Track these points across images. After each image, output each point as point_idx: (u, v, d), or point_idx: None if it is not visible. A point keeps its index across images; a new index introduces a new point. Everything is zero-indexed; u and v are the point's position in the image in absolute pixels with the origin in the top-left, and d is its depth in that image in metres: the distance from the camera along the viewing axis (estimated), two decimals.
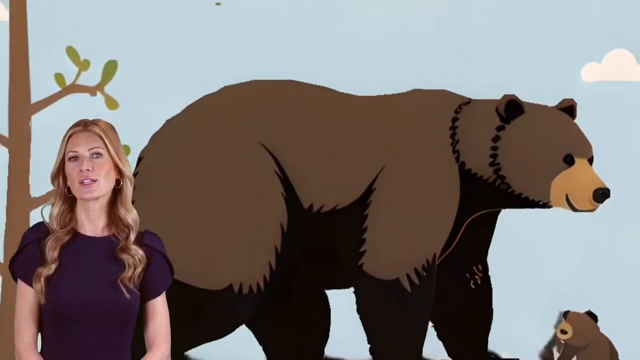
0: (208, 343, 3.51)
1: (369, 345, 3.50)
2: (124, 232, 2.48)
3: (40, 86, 4.01)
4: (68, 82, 4.04)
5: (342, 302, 3.55)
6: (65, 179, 2.47)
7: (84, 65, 4.03)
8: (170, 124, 3.51)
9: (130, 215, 2.49)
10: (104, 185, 2.46)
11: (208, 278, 3.36)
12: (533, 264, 4.05)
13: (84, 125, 2.50)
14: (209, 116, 3.47)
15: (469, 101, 3.56)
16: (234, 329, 3.47)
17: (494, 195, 3.48)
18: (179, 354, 3.46)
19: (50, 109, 4.00)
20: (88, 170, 2.44)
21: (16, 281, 2.49)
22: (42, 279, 2.42)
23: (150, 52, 4.01)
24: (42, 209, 2.51)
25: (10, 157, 4.04)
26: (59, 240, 2.44)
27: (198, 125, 3.47)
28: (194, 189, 3.40)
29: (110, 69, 4.03)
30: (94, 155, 2.46)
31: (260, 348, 3.63)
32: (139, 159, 3.52)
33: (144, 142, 3.60)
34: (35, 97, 4.06)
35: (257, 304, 3.39)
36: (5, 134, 4.06)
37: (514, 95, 3.49)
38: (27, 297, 2.45)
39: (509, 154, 3.44)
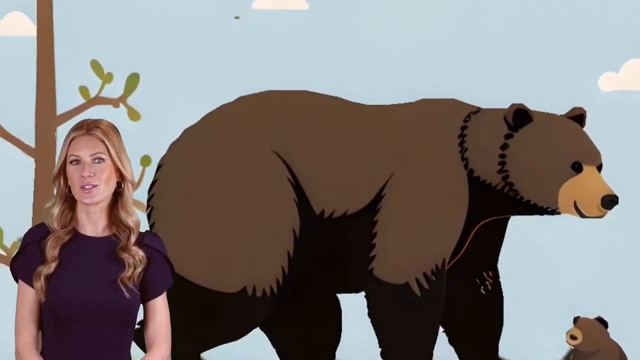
0: (223, 345, 3.59)
1: (380, 349, 3.56)
2: (125, 232, 2.47)
3: (66, 98, 4.12)
4: (92, 94, 4.15)
5: (355, 306, 3.62)
6: (66, 179, 2.47)
7: (107, 78, 4.15)
8: (188, 133, 3.61)
9: (132, 218, 2.48)
10: (104, 190, 2.45)
11: (223, 281, 3.45)
12: (546, 271, 4.09)
13: (87, 129, 2.47)
14: (225, 125, 3.57)
15: (478, 110, 3.62)
16: (248, 332, 3.54)
17: (502, 202, 3.53)
18: (195, 355, 3.55)
19: (75, 120, 4.06)
20: (89, 176, 2.43)
21: (17, 282, 2.49)
22: (42, 278, 2.42)
23: (171, 64, 4.12)
24: (45, 208, 2.52)
25: (37, 167, 4.16)
26: (59, 239, 2.44)
27: (214, 134, 3.57)
28: (210, 195, 3.50)
29: (132, 81, 4.15)
30: (96, 160, 2.45)
31: (271, 350, 3.70)
32: (159, 167, 3.63)
33: (165, 152, 3.70)
34: (60, 109, 4.17)
35: (270, 307, 3.47)
36: (32, 144, 4.19)
37: (522, 104, 3.55)
38: (27, 297, 2.45)
39: (517, 161, 3.49)
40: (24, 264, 2.47)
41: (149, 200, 3.60)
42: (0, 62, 4.11)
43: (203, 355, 3.60)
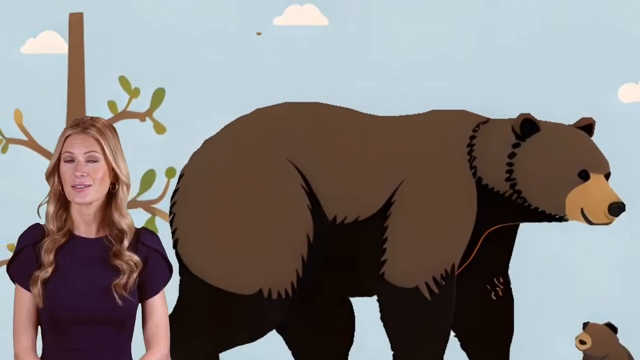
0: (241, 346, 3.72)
1: (392, 352, 3.65)
2: (117, 236, 2.41)
3: (95, 112, 4.20)
4: (120, 108, 4.28)
5: (368, 310, 3.71)
6: (59, 177, 2.42)
7: (134, 93, 4.28)
8: (208, 144, 3.76)
9: (125, 220, 2.41)
10: (97, 191, 2.39)
11: (240, 283, 3.58)
12: (563, 278, 4.13)
13: (83, 127, 2.41)
14: (242, 135, 3.71)
15: (487, 120, 3.71)
16: (265, 333, 3.66)
17: (511, 209, 3.61)
18: (213, 356, 3.68)
19: None
20: (82, 175, 2.37)
21: (14, 283, 2.45)
22: (39, 283, 2.37)
23: (196, 80, 4.25)
24: (39, 207, 2.49)
25: None
26: (55, 242, 2.39)
27: (232, 144, 3.71)
28: (228, 202, 3.63)
29: (158, 96, 4.29)
30: (90, 160, 2.38)
31: (287, 352, 3.82)
32: (180, 176, 3.77)
33: None
34: None
35: (286, 309, 3.59)
36: None
37: (529, 114, 3.63)
38: (24, 300, 2.41)
39: (524, 169, 3.57)
40: (20, 267, 2.43)
41: (171, 207, 3.75)
42: (34, 78, 4.25)
43: (221, 355, 3.73)
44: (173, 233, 3.71)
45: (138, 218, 4.03)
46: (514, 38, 4.19)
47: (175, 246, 3.69)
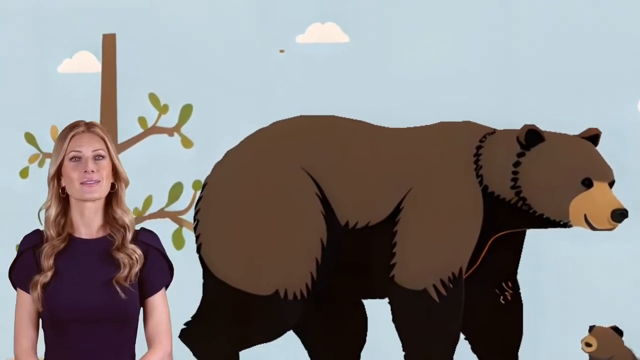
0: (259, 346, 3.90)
1: (403, 353, 3.81)
2: (119, 232, 2.43)
3: (126, 128, 4.43)
4: (150, 124, 4.47)
5: (381, 312, 3.86)
6: (60, 180, 2.44)
7: (163, 109, 4.48)
8: (230, 155, 3.97)
9: (128, 216, 2.44)
10: (105, 187, 2.42)
11: (258, 284, 3.76)
12: (573, 284, 4.23)
13: (86, 127, 2.45)
14: (261, 147, 3.92)
15: (493, 131, 3.87)
16: (282, 333, 3.83)
17: (517, 216, 3.74)
18: (233, 354, 3.87)
19: (134, 148, 4.39)
20: (92, 171, 2.40)
21: (15, 289, 2.48)
22: (39, 287, 2.38)
23: (222, 96, 4.44)
24: (39, 212, 2.49)
25: None
26: (54, 247, 2.41)
27: (251, 155, 3.91)
28: (248, 209, 3.82)
29: (186, 112, 4.49)
30: (97, 157, 2.42)
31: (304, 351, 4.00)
32: (204, 185, 3.98)
33: None
34: (121, 137, 4.52)
35: (301, 310, 3.76)
36: None
37: (533, 125, 3.77)
38: (25, 303, 2.43)
39: (529, 177, 3.70)
40: (21, 270, 2.45)
41: (195, 214, 3.96)
42: (69, 96, 4.45)
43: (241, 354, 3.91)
44: (197, 238, 3.92)
45: (166, 228, 4.26)
46: (531, 50, 4.28)
47: (198, 250, 3.90)
